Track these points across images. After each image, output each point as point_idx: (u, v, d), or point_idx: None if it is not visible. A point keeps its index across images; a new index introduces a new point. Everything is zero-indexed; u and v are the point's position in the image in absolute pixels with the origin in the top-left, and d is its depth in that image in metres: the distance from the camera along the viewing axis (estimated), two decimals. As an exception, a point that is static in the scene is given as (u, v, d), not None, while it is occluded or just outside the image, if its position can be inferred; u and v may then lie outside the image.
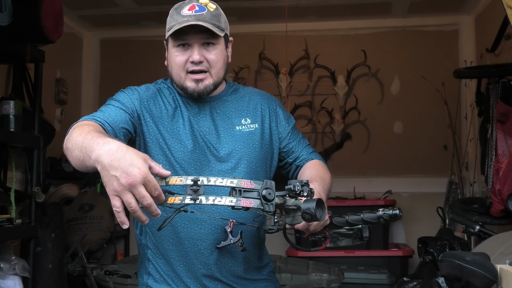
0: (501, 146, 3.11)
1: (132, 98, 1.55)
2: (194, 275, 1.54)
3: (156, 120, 1.55)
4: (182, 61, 1.51)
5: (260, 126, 1.61)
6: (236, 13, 4.47)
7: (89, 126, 1.31)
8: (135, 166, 1.04)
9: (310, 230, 1.40)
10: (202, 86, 1.53)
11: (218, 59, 1.54)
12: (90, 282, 3.77)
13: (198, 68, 1.51)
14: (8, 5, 2.86)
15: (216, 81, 1.56)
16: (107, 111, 1.48)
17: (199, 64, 1.51)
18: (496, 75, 3.45)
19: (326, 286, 3.19)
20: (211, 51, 1.52)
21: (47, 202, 3.65)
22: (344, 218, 1.40)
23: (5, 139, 3.03)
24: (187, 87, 1.54)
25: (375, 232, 4.08)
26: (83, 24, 4.90)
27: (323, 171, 1.60)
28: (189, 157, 1.53)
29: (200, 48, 1.50)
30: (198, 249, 1.53)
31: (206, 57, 1.51)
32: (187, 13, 1.48)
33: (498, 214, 2.97)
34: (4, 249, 3.03)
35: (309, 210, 1.16)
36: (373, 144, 4.77)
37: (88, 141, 1.16)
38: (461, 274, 1.93)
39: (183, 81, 1.53)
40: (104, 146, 1.10)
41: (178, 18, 1.48)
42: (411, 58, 4.72)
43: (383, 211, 1.36)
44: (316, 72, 4.79)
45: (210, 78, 1.54)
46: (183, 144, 1.54)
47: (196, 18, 1.46)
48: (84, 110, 5.01)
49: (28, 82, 3.55)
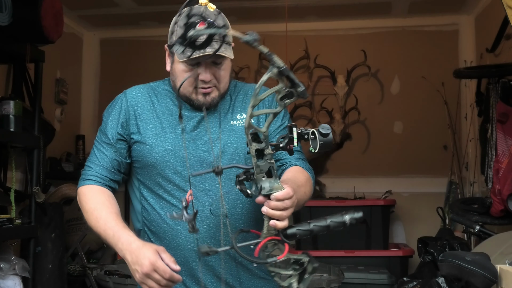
0: (501, 146, 3.11)
1: (112, 127, 1.61)
2: (190, 272, 1.55)
3: (143, 123, 1.58)
4: (191, 79, 1.51)
5: (256, 120, 1.61)
6: (236, 13, 4.47)
7: (103, 203, 1.55)
8: (146, 258, 1.34)
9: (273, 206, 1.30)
10: (209, 99, 1.54)
11: (226, 74, 1.55)
12: (90, 282, 3.77)
13: (207, 85, 1.52)
14: (8, 5, 2.86)
15: (222, 93, 1.58)
16: (100, 158, 1.60)
17: (208, 82, 1.52)
18: (496, 75, 3.45)
19: (326, 286, 3.19)
20: (220, 68, 1.53)
21: (47, 202, 3.65)
22: (308, 226, 1.30)
23: (5, 139, 3.03)
24: (193, 100, 1.54)
25: (375, 232, 4.09)
26: (83, 24, 4.90)
27: (301, 178, 1.54)
28: (177, 154, 1.54)
29: (210, 67, 1.51)
30: (191, 247, 1.53)
31: (215, 75, 1.52)
32: (200, 32, 1.42)
33: (498, 214, 2.97)
34: (4, 249, 3.03)
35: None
36: (373, 144, 4.77)
37: (111, 234, 1.47)
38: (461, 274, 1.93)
39: (190, 94, 1.54)
40: (128, 246, 1.41)
41: (190, 33, 1.44)
42: (411, 58, 4.72)
43: (349, 215, 1.27)
44: (316, 72, 4.79)
45: (216, 91, 1.55)
46: (169, 142, 1.55)
47: (210, 47, 1.43)
48: (84, 110, 5.01)
49: (28, 82, 3.55)
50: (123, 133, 1.60)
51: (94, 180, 1.58)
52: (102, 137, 1.62)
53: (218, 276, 1.55)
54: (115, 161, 1.60)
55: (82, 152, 4.67)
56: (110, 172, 1.60)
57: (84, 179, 1.60)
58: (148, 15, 4.62)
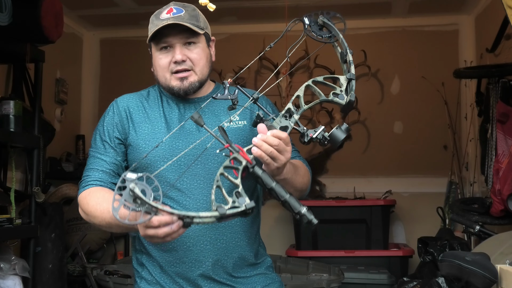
0: (501, 146, 3.11)
1: (109, 131, 1.62)
2: (185, 275, 1.55)
3: (136, 126, 1.60)
4: (165, 62, 1.56)
5: (249, 123, 1.62)
6: (236, 13, 4.47)
7: (103, 196, 1.51)
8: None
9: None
10: (187, 83, 1.56)
11: (200, 57, 1.57)
12: (90, 282, 3.77)
13: (182, 67, 1.55)
14: (8, 5, 2.86)
15: (201, 79, 1.59)
16: (99, 165, 1.58)
17: (182, 63, 1.55)
18: (496, 75, 3.45)
19: (326, 286, 3.19)
20: (192, 49, 1.56)
21: (47, 202, 3.66)
22: (272, 182, 1.25)
23: (5, 139, 3.03)
24: (173, 87, 1.57)
25: (375, 232, 4.09)
26: (83, 24, 4.90)
27: (301, 167, 1.58)
28: (171, 153, 1.54)
29: (182, 48, 1.55)
30: (187, 246, 1.54)
31: (189, 56, 1.55)
32: (166, 16, 1.54)
33: (498, 214, 2.97)
34: (4, 249, 3.03)
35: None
36: (373, 144, 4.77)
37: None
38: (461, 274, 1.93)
39: (169, 81, 1.57)
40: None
41: (157, 22, 1.54)
42: (411, 58, 4.72)
43: (308, 211, 1.23)
44: (316, 72, 4.79)
45: (194, 75, 1.57)
46: (160, 145, 1.55)
47: (174, 19, 1.52)
48: (84, 110, 5.01)
49: (28, 82, 3.55)
50: (120, 137, 1.60)
51: (94, 184, 1.56)
52: (99, 145, 1.61)
53: (213, 278, 1.55)
54: (114, 165, 1.59)
55: (82, 152, 4.67)
56: (110, 176, 1.58)
57: (83, 186, 1.57)
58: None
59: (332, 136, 1.33)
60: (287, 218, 4.49)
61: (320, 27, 1.54)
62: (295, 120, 1.35)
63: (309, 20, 1.50)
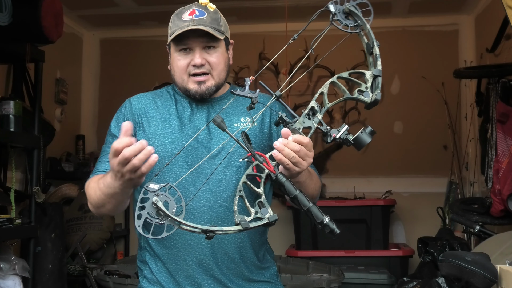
0: (501, 146, 3.11)
1: (119, 125, 1.59)
2: (186, 273, 1.55)
3: (147, 123, 1.60)
4: (184, 64, 1.56)
5: (260, 124, 1.62)
6: (236, 13, 4.47)
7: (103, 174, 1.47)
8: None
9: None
10: (204, 87, 1.57)
11: (219, 62, 1.57)
12: (90, 282, 3.77)
13: (200, 71, 1.55)
14: (8, 5, 2.86)
15: (218, 83, 1.59)
16: (106, 157, 1.54)
17: (201, 67, 1.55)
18: (496, 75, 3.45)
19: (326, 286, 3.19)
20: (212, 54, 1.56)
21: (47, 202, 3.66)
22: (295, 191, 1.24)
23: (5, 139, 3.03)
24: (189, 89, 1.57)
25: (375, 232, 4.09)
26: (83, 24, 4.90)
27: (314, 173, 1.61)
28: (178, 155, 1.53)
29: (201, 52, 1.55)
30: (188, 244, 1.54)
31: (208, 60, 1.56)
32: (188, 18, 1.52)
33: (498, 214, 2.97)
34: (4, 249, 3.03)
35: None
36: (373, 144, 4.72)
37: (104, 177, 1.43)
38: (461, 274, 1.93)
39: (186, 83, 1.57)
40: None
41: (179, 23, 1.53)
42: (411, 58, 4.72)
43: (330, 221, 1.21)
44: (316, 72, 4.79)
45: (212, 79, 1.57)
46: (173, 138, 1.57)
47: (197, 22, 1.51)
48: (84, 110, 5.01)
49: (28, 82, 3.55)
50: (134, 131, 1.59)
51: (99, 174, 1.55)
52: (109, 139, 1.61)
53: (216, 278, 1.55)
54: None
55: (82, 152, 4.67)
56: None
57: (89, 177, 1.58)
58: (148, 15, 4.62)
59: (357, 140, 1.34)
60: (287, 218, 4.49)
61: (346, 15, 1.51)
62: (319, 119, 1.34)
63: (335, 7, 1.43)
